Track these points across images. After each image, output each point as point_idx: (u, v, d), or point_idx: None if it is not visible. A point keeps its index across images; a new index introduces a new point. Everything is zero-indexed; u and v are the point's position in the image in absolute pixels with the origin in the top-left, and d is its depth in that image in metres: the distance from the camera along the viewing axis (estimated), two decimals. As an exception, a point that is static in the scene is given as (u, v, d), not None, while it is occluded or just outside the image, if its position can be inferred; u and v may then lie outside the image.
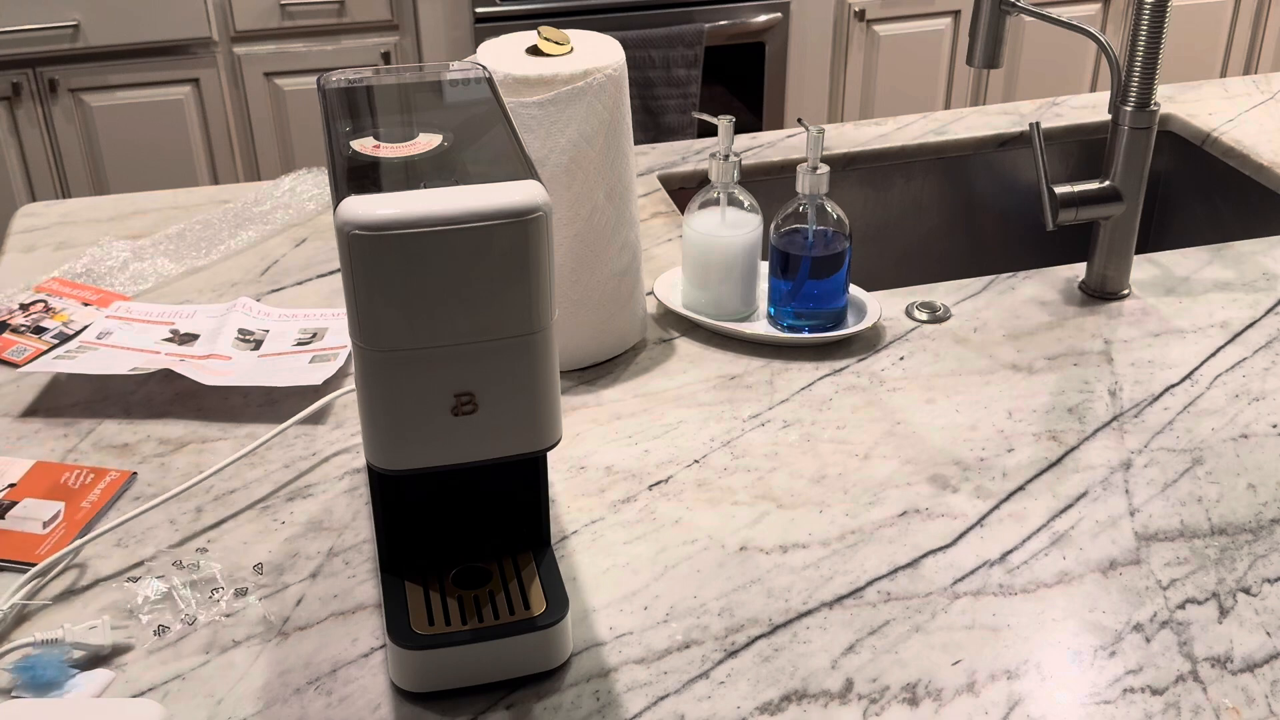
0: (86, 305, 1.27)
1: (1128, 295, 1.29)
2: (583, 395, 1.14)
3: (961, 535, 0.97)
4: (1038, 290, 1.31)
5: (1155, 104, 1.23)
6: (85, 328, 1.23)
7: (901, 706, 0.82)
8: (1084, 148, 1.71)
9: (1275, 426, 1.09)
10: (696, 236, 1.20)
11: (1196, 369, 1.17)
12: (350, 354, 1.14)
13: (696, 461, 1.05)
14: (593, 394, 1.14)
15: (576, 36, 1.13)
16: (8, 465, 1.04)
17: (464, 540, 0.88)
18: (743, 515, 0.99)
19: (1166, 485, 1.02)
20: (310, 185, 1.54)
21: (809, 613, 0.89)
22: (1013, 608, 0.90)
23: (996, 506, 1.00)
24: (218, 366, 1.15)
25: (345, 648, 0.87)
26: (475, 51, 1.11)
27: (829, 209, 1.18)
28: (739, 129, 1.29)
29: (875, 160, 1.64)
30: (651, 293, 1.27)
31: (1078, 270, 1.33)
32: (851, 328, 1.20)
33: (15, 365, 1.17)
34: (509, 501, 0.88)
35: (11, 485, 1.02)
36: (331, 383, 1.14)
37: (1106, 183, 1.26)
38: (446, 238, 0.69)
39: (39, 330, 1.23)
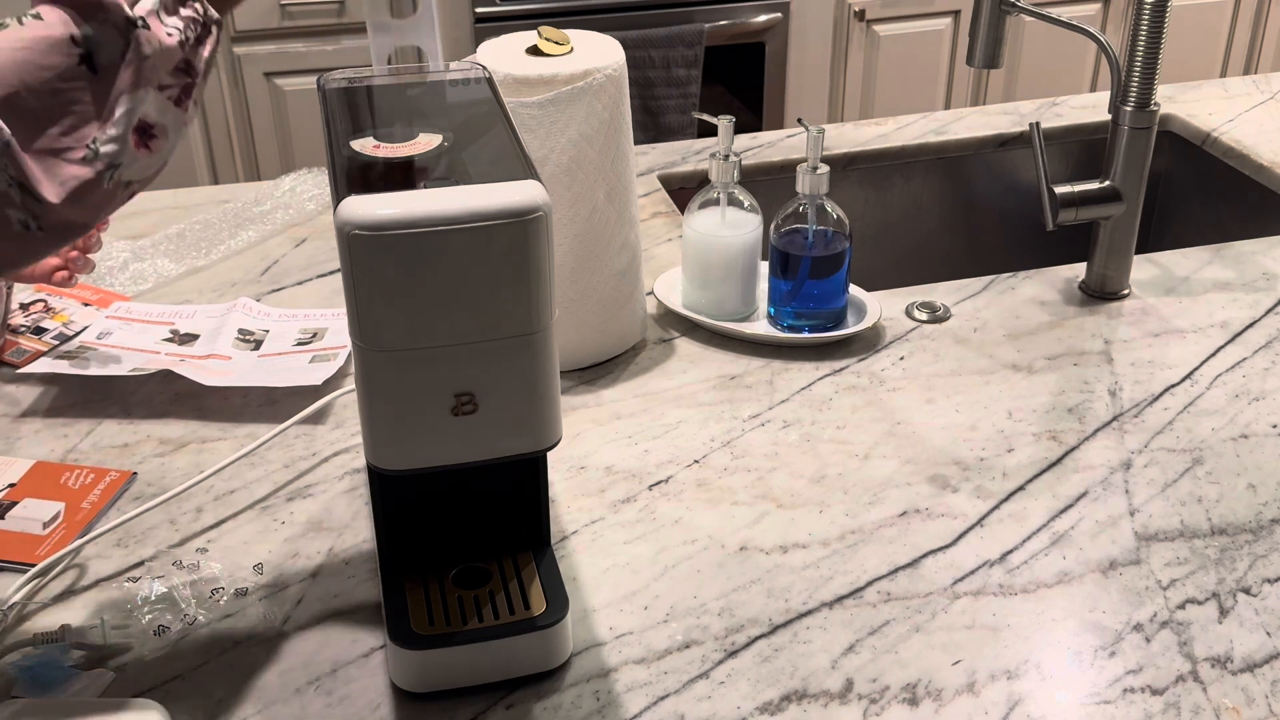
0: (86, 305, 1.27)
1: (1128, 295, 1.29)
2: (583, 395, 1.14)
3: (961, 535, 0.97)
4: (1038, 290, 1.30)
5: (1155, 104, 1.23)
6: (85, 328, 1.23)
7: (901, 706, 0.82)
8: (1084, 148, 1.71)
9: (1275, 426, 1.09)
10: (696, 236, 1.20)
11: (1196, 369, 1.17)
12: (350, 354, 1.14)
13: (696, 461, 1.05)
14: (593, 394, 1.14)
15: (576, 36, 1.13)
16: (8, 465, 1.04)
17: (464, 540, 0.88)
18: (743, 515, 0.99)
19: (1166, 485, 1.02)
20: (310, 185, 1.54)
21: (809, 613, 0.89)
22: (1013, 608, 0.90)
23: (996, 506, 1.00)
24: (218, 367, 1.15)
25: (345, 648, 0.87)
26: (475, 51, 1.11)
27: (829, 209, 1.18)
28: (739, 129, 1.29)
29: (875, 160, 1.64)
30: (651, 293, 1.27)
31: (1078, 270, 1.33)
32: (851, 328, 1.20)
33: (15, 366, 1.17)
34: (509, 501, 0.88)
35: (11, 485, 1.02)
36: (331, 383, 1.14)
37: (1106, 183, 1.26)
38: (446, 238, 0.69)
39: (39, 330, 1.23)
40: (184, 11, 0.75)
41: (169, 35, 0.74)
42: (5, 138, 0.69)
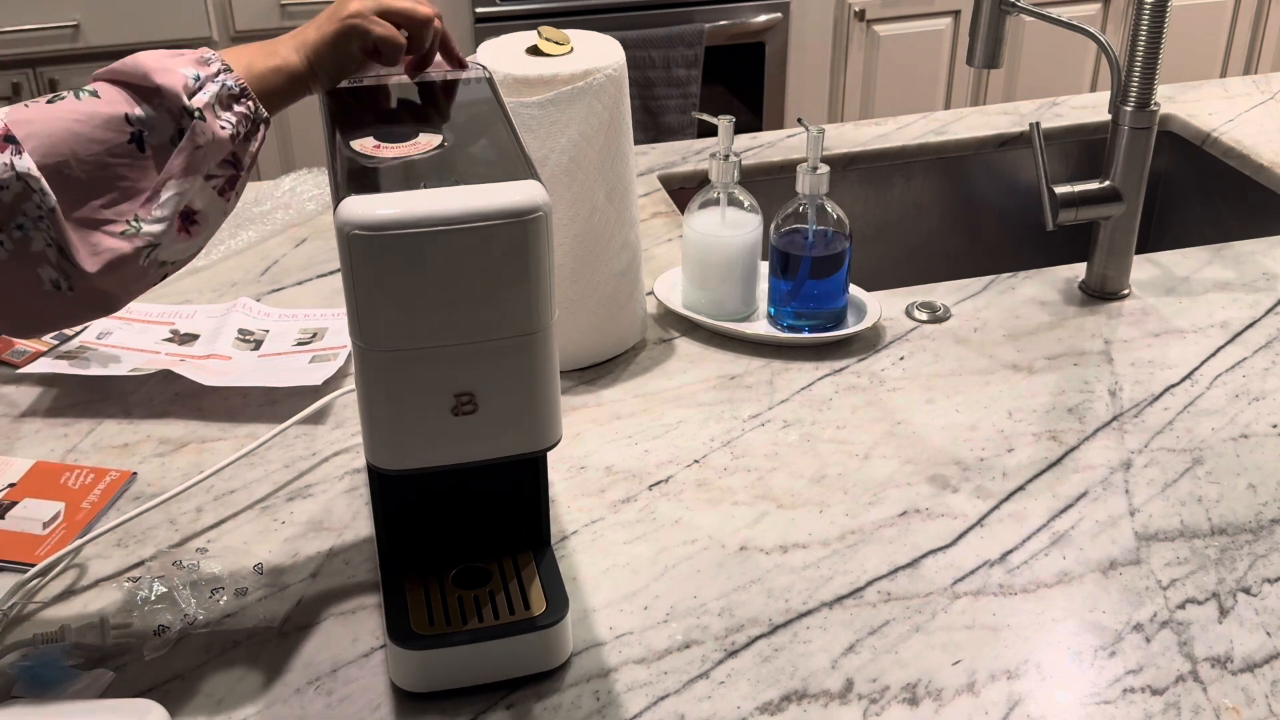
0: (86, 305, 1.27)
1: (1128, 295, 1.29)
2: (583, 395, 1.14)
3: (961, 535, 0.97)
4: (1038, 290, 1.30)
5: (1155, 104, 1.23)
6: (85, 328, 1.23)
7: (901, 706, 0.82)
8: (1084, 148, 1.71)
9: (1275, 426, 1.09)
10: (696, 236, 1.20)
11: (1196, 369, 1.17)
12: (350, 354, 1.14)
13: (696, 461, 1.05)
14: (593, 394, 1.14)
15: (576, 36, 1.13)
16: (8, 465, 1.04)
17: (464, 540, 0.88)
18: (743, 515, 0.99)
19: (1166, 485, 1.02)
20: (310, 185, 1.54)
21: (809, 613, 0.89)
22: (1013, 608, 0.90)
23: (996, 506, 1.00)
24: (218, 367, 1.15)
25: (345, 648, 0.87)
26: (475, 51, 1.11)
27: (829, 209, 1.18)
28: (739, 129, 1.29)
29: (875, 160, 1.64)
30: (651, 293, 1.27)
31: (1078, 270, 1.33)
32: (851, 328, 1.20)
33: (15, 366, 1.17)
34: (509, 501, 0.88)
35: (11, 485, 1.02)
36: (331, 383, 1.14)
37: (1106, 183, 1.26)
38: (446, 238, 0.69)
39: (39, 330, 1.23)
40: (237, 108, 0.79)
41: (222, 129, 0.78)
42: (51, 203, 0.72)
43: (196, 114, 0.76)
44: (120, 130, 0.75)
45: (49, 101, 0.74)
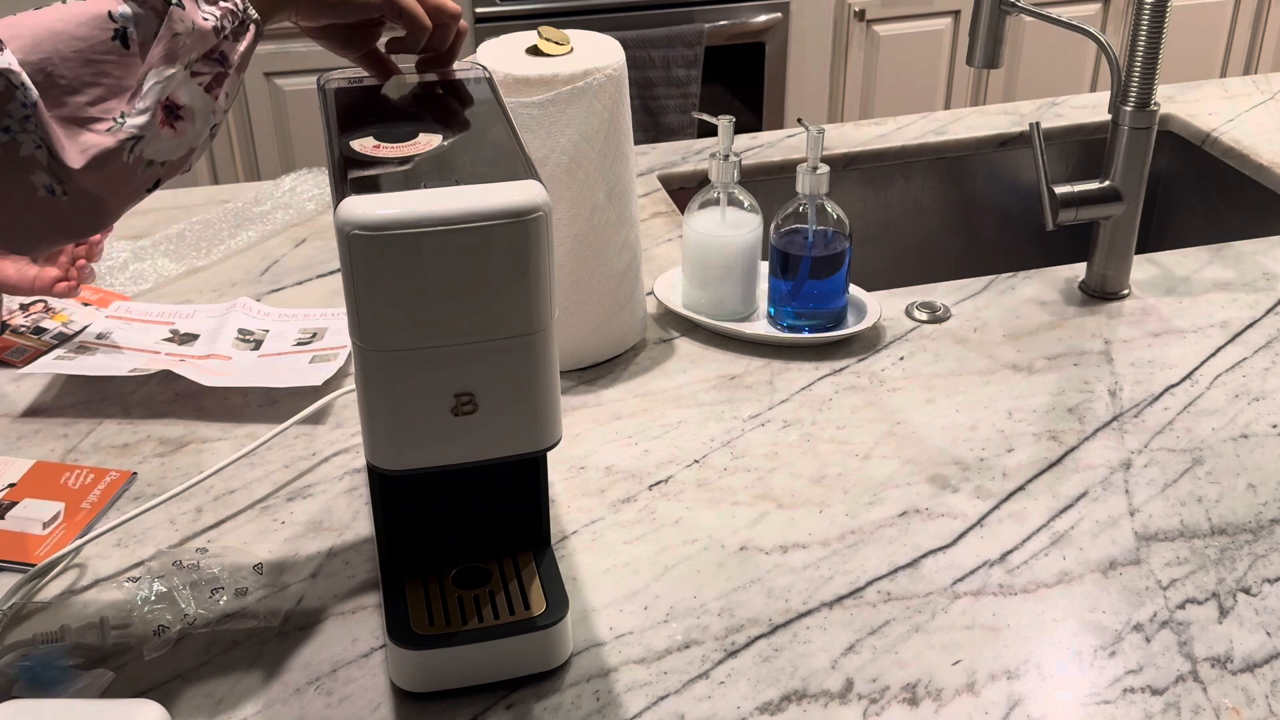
0: (86, 305, 1.27)
1: (1128, 295, 1.29)
2: (583, 395, 1.14)
3: (961, 535, 0.97)
4: (1038, 290, 1.30)
5: (1155, 104, 1.23)
6: (85, 328, 1.23)
7: (901, 706, 0.82)
8: (1084, 148, 1.71)
9: (1275, 426, 1.09)
10: (696, 236, 1.20)
11: (1196, 369, 1.17)
12: (350, 354, 1.14)
13: (696, 461, 1.05)
14: (593, 394, 1.14)
15: (576, 36, 1.13)
16: (8, 465, 1.04)
17: (464, 540, 0.88)
18: (743, 515, 0.99)
19: (1166, 485, 1.02)
20: (310, 185, 1.54)
21: (809, 613, 0.89)
22: (1013, 608, 0.90)
23: (996, 506, 1.00)
24: (217, 367, 1.15)
25: (345, 648, 0.87)
26: (475, 51, 1.11)
27: (829, 209, 1.18)
28: (739, 129, 1.29)
29: (875, 160, 1.64)
30: (651, 293, 1.27)
31: (1078, 270, 1.33)
32: (851, 328, 1.20)
33: (15, 366, 1.17)
34: (509, 501, 0.88)
35: (11, 485, 1.02)
36: (331, 383, 1.14)
37: (1106, 183, 1.26)
38: (446, 238, 0.69)
39: (39, 331, 1.23)
40: (223, 3, 0.77)
41: (204, 20, 0.76)
42: (34, 98, 0.71)
43: (175, 2, 0.75)
44: (103, 27, 0.74)
45: (36, 7, 0.74)
